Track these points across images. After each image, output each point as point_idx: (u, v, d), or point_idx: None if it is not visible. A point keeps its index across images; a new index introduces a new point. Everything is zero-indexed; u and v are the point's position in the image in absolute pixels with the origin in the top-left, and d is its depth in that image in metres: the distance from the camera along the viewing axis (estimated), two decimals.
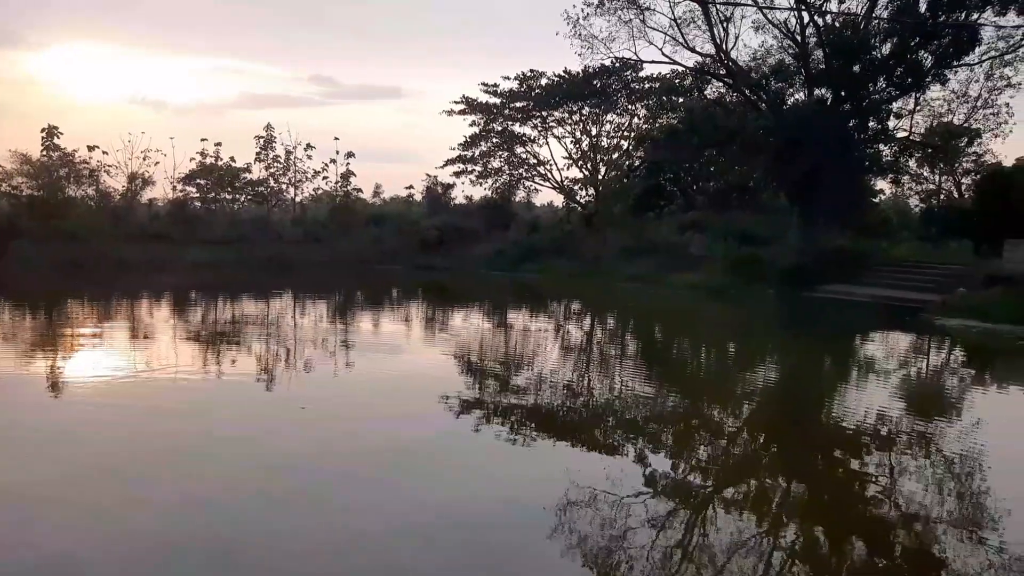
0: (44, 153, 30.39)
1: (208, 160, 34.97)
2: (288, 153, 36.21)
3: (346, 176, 36.63)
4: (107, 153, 32.00)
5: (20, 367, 10.04)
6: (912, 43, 22.66)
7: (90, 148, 31.41)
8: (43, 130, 30.52)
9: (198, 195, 35.41)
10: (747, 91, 26.25)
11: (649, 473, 6.04)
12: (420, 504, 5.20)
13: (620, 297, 22.94)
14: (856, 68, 23.57)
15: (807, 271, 21.79)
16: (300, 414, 7.78)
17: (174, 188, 34.42)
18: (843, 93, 24.02)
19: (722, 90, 28.30)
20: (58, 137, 30.62)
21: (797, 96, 26.03)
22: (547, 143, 39.91)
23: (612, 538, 4.72)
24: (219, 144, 35.13)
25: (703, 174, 32.02)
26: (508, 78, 36.80)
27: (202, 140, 35.08)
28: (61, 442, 6.47)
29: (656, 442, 7.19)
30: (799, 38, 24.82)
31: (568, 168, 39.02)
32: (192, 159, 34.85)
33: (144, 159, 32.92)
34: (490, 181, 39.24)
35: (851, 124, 24.70)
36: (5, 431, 6.88)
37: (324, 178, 36.90)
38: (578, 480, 5.60)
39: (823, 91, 24.75)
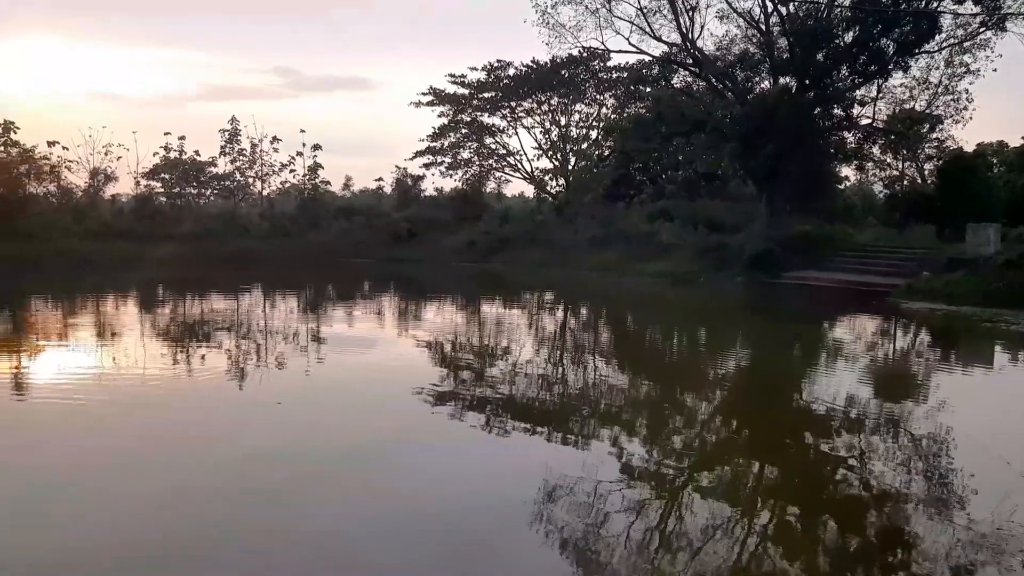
0: (2, 150, 29.58)
1: (172, 154, 34.37)
2: (254, 146, 35.77)
3: (314, 169, 36.23)
4: (67, 148, 31.25)
5: None
6: (874, 31, 22.97)
7: (50, 144, 30.62)
8: None
9: (163, 190, 34.79)
10: (713, 79, 26.45)
11: (625, 461, 6.08)
12: (395, 498, 5.18)
13: (591, 286, 23.05)
14: (820, 56, 23.86)
15: (774, 257, 22.07)
16: (276, 409, 7.72)
17: (138, 183, 33.80)
18: (807, 81, 24.31)
19: (689, 79, 28.49)
20: (15, 133, 29.80)
21: (762, 84, 26.32)
22: (516, 133, 39.96)
23: (589, 527, 4.74)
24: (183, 138, 34.55)
25: (672, 163, 32.24)
26: (476, 68, 36.75)
27: (165, 134, 34.44)
28: (23, 446, 6.33)
29: (630, 430, 7.25)
30: (763, 27, 25.09)
31: (538, 158, 39.16)
32: (155, 153, 34.25)
33: (106, 154, 32.25)
34: (460, 172, 39.24)
35: (815, 112, 25.03)
36: None
37: (291, 171, 36.49)
38: (554, 470, 5.62)
39: (788, 79, 25.03)
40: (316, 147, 35.83)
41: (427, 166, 38.98)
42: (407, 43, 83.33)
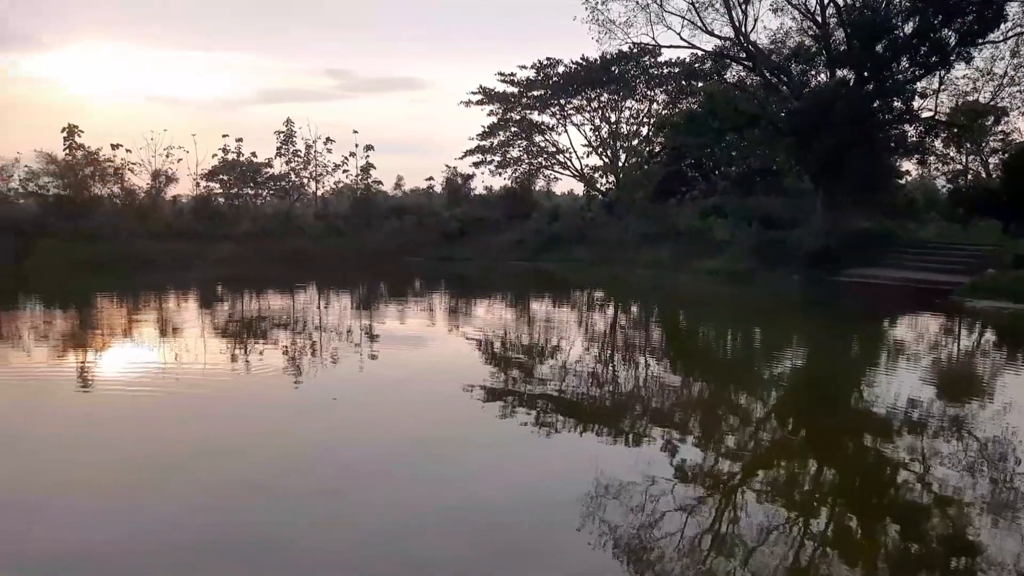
0: (68, 152, 30.72)
1: (230, 156, 35.25)
2: (308, 147, 36.41)
3: (366, 169, 36.76)
4: (130, 151, 32.32)
5: (54, 364, 10.22)
6: (935, 21, 22.22)
7: (114, 146, 31.72)
8: (64, 129, 30.84)
9: (221, 191, 35.73)
10: (768, 74, 25.94)
11: (677, 461, 6.05)
12: (445, 493, 5.25)
13: (642, 284, 22.86)
14: (878, 48, 23.18)
15: (832, 254, 21.57)
16: (332, 404, 7.90)
17: (197, 184, 34.75)
18: (866, 74, 23.65)
19: (742, 73, 27.98)
20: (79, 136, 30.90)
21: (819, 78, 25.69)
22: (566, 131, 39.88)
23: (639, 527, 4.73)
24: (240, 140, 35.40)
25: (725, 158, 31.75)
26: (525, 67, 36.74)
27: (223, 136, 35.44)
28: (92, 435, 6.60)
29: (683, 429, 7.19)
30: (819, 19, 24.50)
31: (588, 156, 38.97)
32: (214, 155, 35.17)
33: (167, 156, 33.22)
34: (509, 171, 39.29)
35: (874, 105, 24.33)
36: (37, 426, 7.02)
37: (344, 171, 37.07)
38: (604, 469, 5.62)
39: (845, 72, 24.38)
40: (368, 147, 36.37)
41: (477, 165, 39.19)
42: (457, 43, 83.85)
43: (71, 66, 64.48)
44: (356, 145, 36.51)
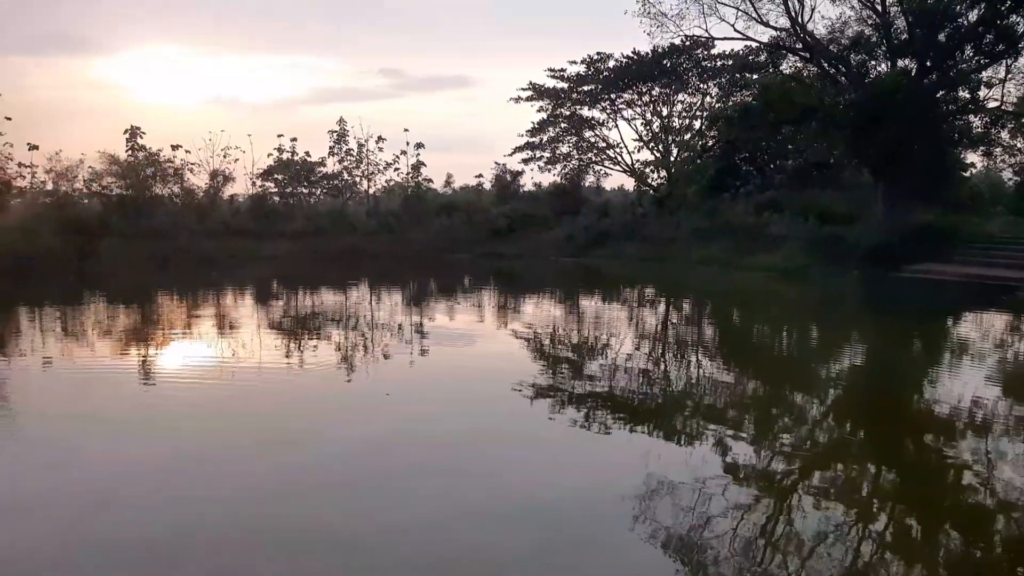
0: (130, 153, 31.76)
1: (284, 155, 35.98)
2: (360, 146, 36.91)
3: (417, 167, 37.12)
4: (189, 152, 33.23)
5: (117, 359, 10.58)
6: (1002, 7, 21.38)
7: (173, 147, 32.66)
8: (126, 131, 31.89)
9: (276, 190, 36.50)
10: (825, 64, 25.31)
11: (731, 460, 5.95)
12: (496, 490, 5.27)
13: (694, 280, 22.56)
14: (942, 37, 22.42)
15: (893, 250, 20.90)
16: (384, 400, 8.00)
17: (253, 184, 35.57)
18: (928, 63, 22.89)
19: (798, 65, 27.40)
20: (141, 137, 31.92)
21: (879, 68, 24.96)
22: (616, 126, 39.54)
23: (692, 527, 4.67)
24: (294, 139, 36.09)
25: (780, 152, 31.10)
26: (575, 62, 36.55)
27: (278, 136, 36.18)
28: (153, 429, 6.80)
29: (738, 428, 7.06)
30: (879, 7, 23.78)
31: (639, 150, 38.54)
32: (269, 155, 35.95)
33: (224, 156, 34.06)
34: (559, 167, 39.13)
35: (937, 95, 23.54)
36: (102, 419, 7.28)
37: (396, 169, 37.50)
38: (657, 467, 5.57)
39: (907, 62, 23.64)
40: (419, 145, 36.72)
41: (526, 161, 39.16)
42: (508, 41, 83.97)
43: (134, 70, 66.66)
44: (407, 143, 36.91)
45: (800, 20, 24.58)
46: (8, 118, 29.47)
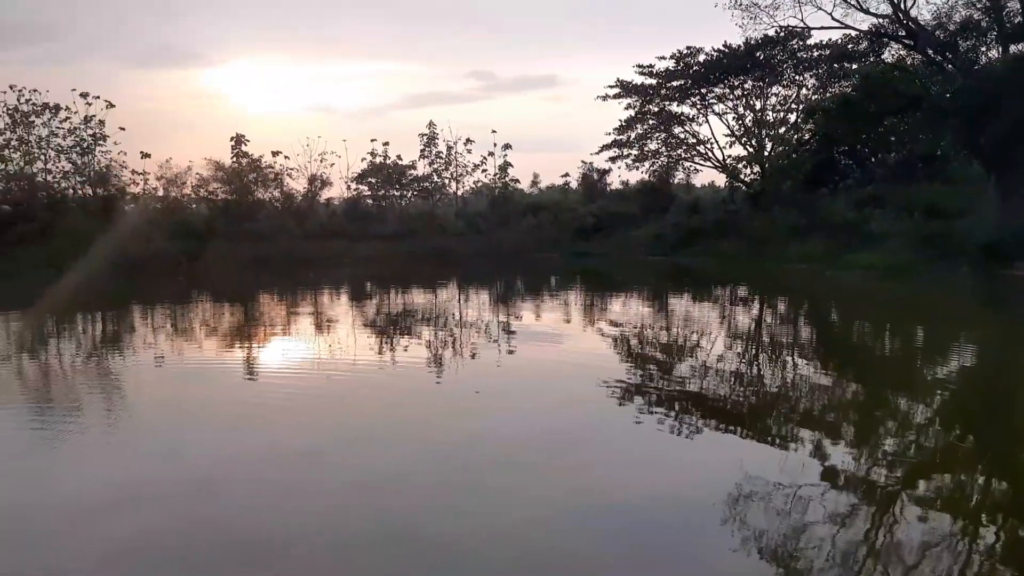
0: (234, 160, 33.39)
1: (377, 159, 37.00)
2: (449, 148, 37.54)
3: (504, 168, 37.45)
4: (288, 158, 34.66)
5: (220, 356, 11.13)
6: None
7: (274, 153, 34.15)
8: (232, 138, 33.55)
9: (369, 193, 37.58)
10: (931, 52, 23.98)
11: (830, 465, 5.71)
12: (583, 490, 5.24)
13: (791, 279, 21.80)
14: None
15: (1007, 247, 19.58)
16: (474, 397, 8.11)
17: (348, 187, 36.78)
18: None
19: (901, 53, 26.08)
20: (245, 144, 33.53)
21: (990, 55, 23.47)
22: (707, 121, 38.73)
23: (786, 535, 4.50)
24: (387, 144, 37.07)
25: (882, 145, 29.68)
26: (663, 57, 35.90)
27: (371, 140, 37.27)
28: (254, 423, 7.10)
29: (835, 433, 6.77)
30: None
31: (730, 146, 37.58)
32: (363, 159, 37.07)
33: (321, 161, 35.36)
34: (647, 164, 38.52)
35: None
36: (207, 413, 7.66)
37: (483, 171, 37.97)
38: (750, 471, 5.41)
39: (1021, 47, 22.10)
40: (507, 146, 37.05)
41: (613, 159, 38.75)
42: (595, 39, 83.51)
43: (235, 80, 70.05)
44: (495, 144, 37.33)
45: (903, 6, 23.41)
46: (122, 128, 31.60)
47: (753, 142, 36.49)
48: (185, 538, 4.54)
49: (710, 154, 38.07)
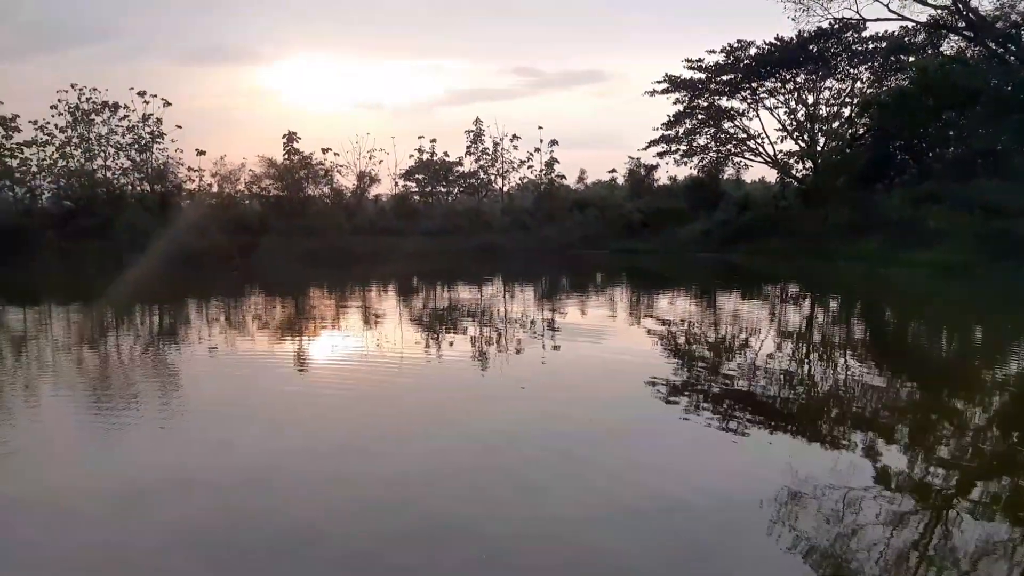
0: (286, 157, 34.03)
1: (425, 156, 37.33)
2: (495, 145, 37.68)
3: (550, 164, 37.42)
4: (338, 155, 35.21)
5: (269, 349, 11.38)
6: None
7: (324, 151, 34.73)
8: (284, 136, 34.20)
9: (416, 189, 37.95)
10: (992, 44, 23.18)
11: (882, 468, 5.60)
12: (629, 489, 5.23)
13: (844, 278, 21.33)
14: None
15: None
16: (520, 393, 8.15)
17: (396, 184, 37.20)
18: None
19: (961, 45, 25.28)
20: (297, 142, 34.15)
21: None
22: (758, 116, 38.06)
23: (838, 538, 4.43)
24: (434, 140, 37.38)
25: (940, 140, 28.77)
26: (713, 51, 35.46)
27: (419, 138, 37.73)
28: (304, 415, 7.26)
29: (888, 436, 6.63)
30: None
31: (782, 141, 36.93)
32: (411, 156, 37.45)
33: (370, 158, 35.85)
34: (695, 160, 38.12)
35: None
36: (258, 405, 7.84)
37: (529, 167, 38.00)
38: (799, 472, 5.33)
39: None
40: (553, 142, 36.99)
41: (661, 155, 38.41)
42: (642, 33, 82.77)
43: (287, 77, 71.40)
44: (541, 141, 37.34)
45: None
46: (179, 126, 32.51)
47: (805, 137, 35.77)
48: (230, 524, 4.68)
49: (760, 149, 37.50)
